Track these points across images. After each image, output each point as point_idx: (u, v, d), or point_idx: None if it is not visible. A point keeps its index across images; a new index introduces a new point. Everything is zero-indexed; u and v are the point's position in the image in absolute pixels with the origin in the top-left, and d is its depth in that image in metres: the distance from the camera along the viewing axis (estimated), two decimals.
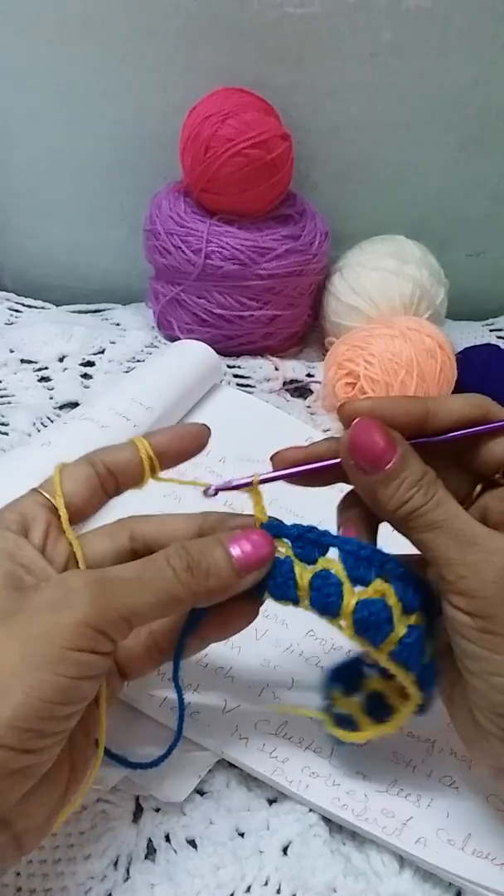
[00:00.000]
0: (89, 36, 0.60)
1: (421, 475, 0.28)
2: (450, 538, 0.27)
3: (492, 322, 0.77)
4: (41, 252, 0.74)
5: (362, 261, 0.64)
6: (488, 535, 0.27)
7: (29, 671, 0.24)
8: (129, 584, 0.27)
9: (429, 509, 0.28)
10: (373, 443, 0.28)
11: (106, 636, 0.26)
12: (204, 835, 0.33)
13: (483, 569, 0.27)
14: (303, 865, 0.32)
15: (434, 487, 0.28)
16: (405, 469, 0.28)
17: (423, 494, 0.28)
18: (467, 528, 0.28)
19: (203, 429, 0.34)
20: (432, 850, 0.32)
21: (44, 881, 0.31)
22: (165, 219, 0.62)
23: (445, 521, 0.28)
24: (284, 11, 0.59)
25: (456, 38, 0.62)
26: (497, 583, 0.26)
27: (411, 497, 0.28)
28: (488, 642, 0.27)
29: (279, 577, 0.30)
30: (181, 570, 0.28)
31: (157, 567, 0.28)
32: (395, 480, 0.28)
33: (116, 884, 0.31)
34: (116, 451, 0.32)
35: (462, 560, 0.27)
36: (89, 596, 0.26)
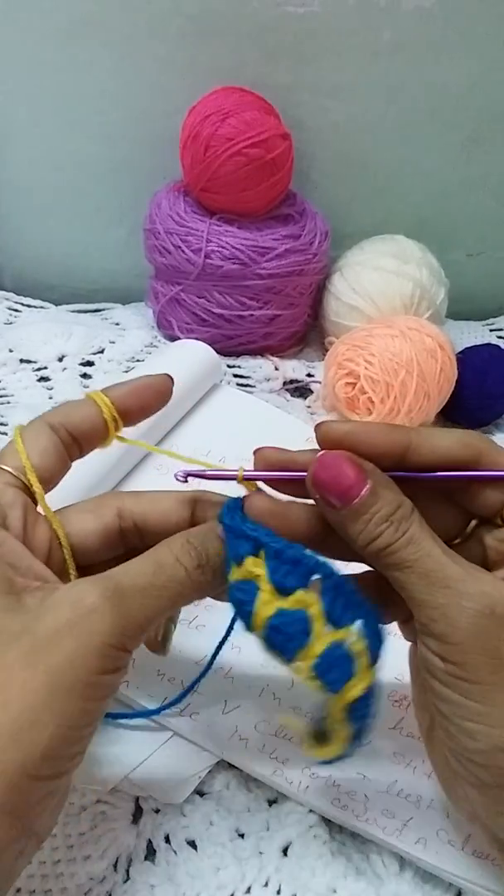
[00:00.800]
0: (89, 35, 0.60)
1: (393, 509, 0.26)
2: (420, 579, 0.26)
3: (492, 322, 0.77)
4: (41, 251, 0.74)
5: (362, 260, 0.64)
6: (462, 578, 0.25)
7: (58, 703, 0.23)
8: (145, 593, 0.26)
9: (399, 547, 0.26)
10: (339, 476, 0.27)
11: (126, 650, 0.25)
12: (204, 836, 0.33)
13: (454, 613, 0.25)
14: (303, 866, 0.32)
15: (406, 523, 0.26)
16: (375, 503, 0.26)
17: (394, 531, 0.26)
18: (440, 568, 0.26)
19: (165, 378, 0.32)
20: (432, 851, 0.32)
21: (43, 882, 0.31)
22: (165, 218, 0.62)
23: (417, 561, 0.26)
24: (284, 11, 0.59)
25: (456, 38, 0.61)
26: (468, 629, 0.25)
27: (381, 533, 0.26)
28: (459, 687, 0.25)
29: None
30: (192, 568, 0.27)
31: (168, 570, 0.27)
32: (364, 515, 0.26)
33: (116, 885, 0.31)
34: (76, 412, 0.30)
35: (433, 602, 0.25)
36: (109, 615, 0.24)
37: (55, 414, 0.30)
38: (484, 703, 0.25)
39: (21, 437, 0.29)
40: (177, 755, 0.35)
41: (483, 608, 0.25)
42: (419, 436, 0.28)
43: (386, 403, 0.55)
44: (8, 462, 0.29)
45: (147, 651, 0.36)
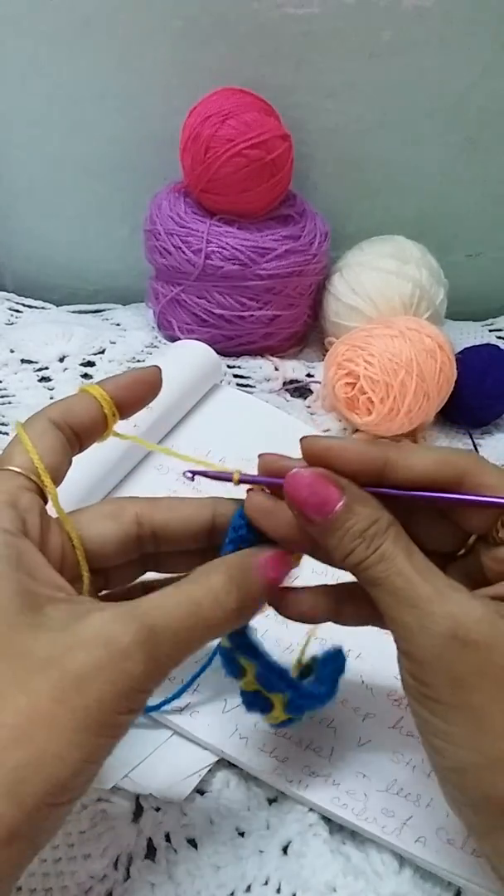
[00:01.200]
0: (89, 37, 0.60)
1: (367, 525, 0.26)
2: (390, 596, 0.26)
3: (491, 322, 0.77)
4: (42, 252, 0.74)
5: (362, 261, 0.64)
6: (430, 598, 0.25)
7: (84, 740, 0.23)
8: (178, 636, 0.25)
9: (371, 563, 0.26)
10: (314, 492, 0.27)
11: (149, 693, 0.25)
12: (204, 834, 0.33)
13: (418, 634, 0.25)
14: (303, 865, 0.32)
15: (379, 539, 0.26)
16: (349, 518, 0.26)
17: (366, 547, 0.26)
18: (409, 587, 0.25)
19: (155, 370, 0.31)
20: (432, 850, 0.32)
21: (44, 880, 0.31)
22: (165, 219, 0.62)
23: (386, 579, 0.26)
24: (284, 12, 0.59)
25: (456, 38, 0.62)
26: (431, 650, 0.25)
27: (354, 549, 0.26)
28: (426, 705, 0.26)
29: None
30: (231, 610, 0.26)
31: (206, 612, 0.26)
32: (338, 531, 0.27)
33: (117, 883, 0.31)
34: (77, 407, 0.30)
35: (400, 621, 0.25)
36: (143, 663, 0.24)
37: (56, 409, 0.29)
38: (447, 722, 0.25)
39: (27, 434, 0.28)
40: (177, 754, 0.35)
41: (446, 630, 0.25)
42: (397, 453, 0.28)
43: (385, 403, 0.55)
44: (16, 462, 0.28)
45: None
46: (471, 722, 0.25)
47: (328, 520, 0.27)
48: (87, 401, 0.30)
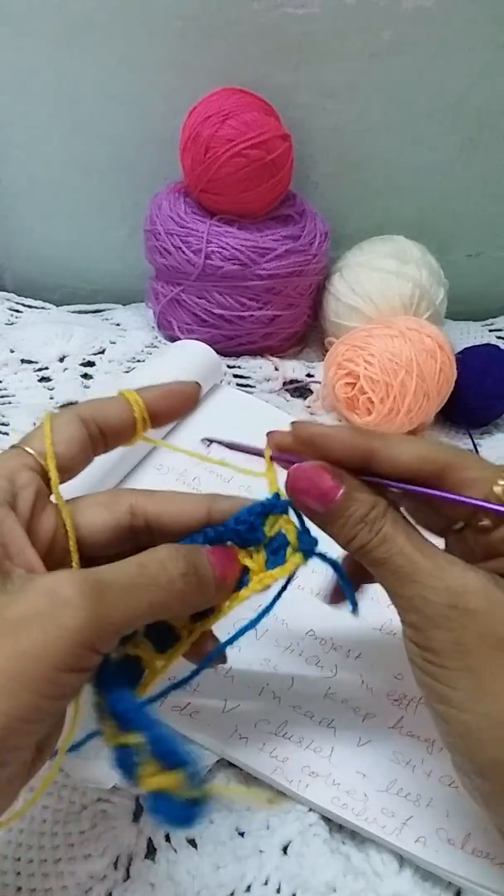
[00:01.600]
0: (90, 37, 0.60)
1: (367, 511, 0.28)
2: (392, 574, 0.27)
3: (491, 322, 0.77)
4: (42, 252, 0.74)
5: (362, 261, 0.64)
6: (432, 572, 0.27)
7: (13, 692, 0.22)
8: (125, 592, 0.25)
9: (373, 546, 0.28)
10: (315, 483, 0.28)
11: (96, 651, 0.24)
12: (204, 834, 0.33)
13: (423, 605, 0.27)
14: (303, 865, 0.32)
15: (380, 523, 0.28)
16: (350, 506, 0.28)
17: (368, 531, 0.28)
18: (410, 564, 0.27)
19: (194, 385, 0.33)
20: (432, 850, 0.32)
21: (44, 880, 0.31)
22: (165, 219, 0.62)
23: (389, 558, 0.27)
24: (284, 12, 0.59)
25: (456, 38, 0.62)
26: (434, 620, 0.26)
27: (357, 534, 0.28)
28: (431, 672, 0.27)
29: None
30: (178, 575, 0.27)
31: (152, 571, 0.27)
32: (340, 518, 0.28)
33: (117, 883, 0.31)
34: (108, 408, 0.31)
35: (404, 595, 0.27)
36: (84, 610, 0.23)
37: (88, 407, 0.31)
38: (452, 686, 0.26)
39: (51, 423, 0.29)
40: None
41: (446, 601, 0.26)
42: (383, 443, 0.29)
43: (385, 403, 0.55)
44: (33, 445, 0.29)
45: None
46: (474, 684, 0.26)
47: (331, 509, 0.28)
48: (120, 404, 0.31)
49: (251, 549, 0.31)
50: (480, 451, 0.59)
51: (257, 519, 0.31)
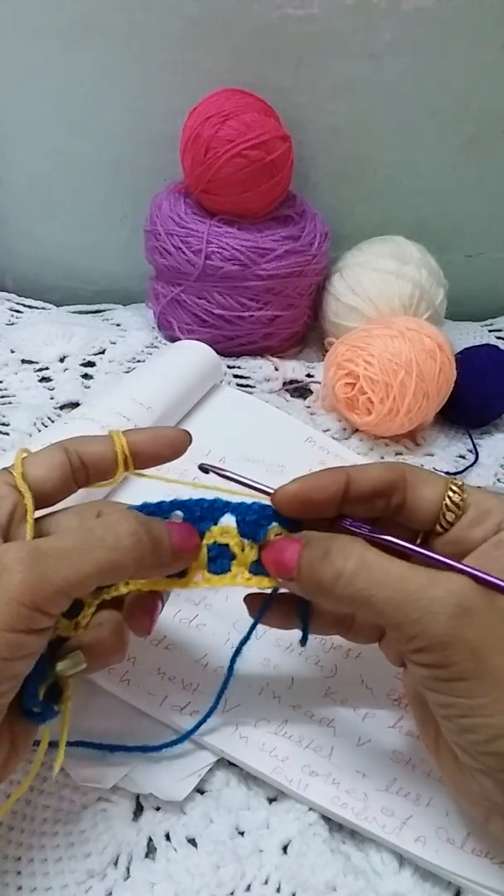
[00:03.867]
0: (90, 37, 0.60)
1: (336, 556, 0.29)
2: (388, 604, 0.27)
3: (491, 322, 0.77)
4: (42, 253, 0.74)
5: (362, 261, 0.64)
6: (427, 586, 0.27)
7: None
8: (67, 554, 0.27)
9: (355, 585, 0.28)
10: (275, 560, 0.30)
11: (42, 612, 0.26)
12: (204, 833, 0.33)
13: (432, 621, 0.27)
14: (302, 864, 0.32)
15: (352, 560, 0.28)
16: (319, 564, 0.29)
17: (341, 573, 0.28)
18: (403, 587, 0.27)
19: (183, 435, 0.34)
20: (432, 849, 0.32)
21: (45, 879, 0.31)
22: (166, 219, 0.62)
23: (375, 593, 0.27)
24: (284, 13, 0.59)
25: (456, 39, 0.62)
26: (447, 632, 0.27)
27: (332, 579, 0.28)
28: (449, 689, 0.27)
29: None
30: (125, 534, 0.28)
31: (97, 533, 0.28)
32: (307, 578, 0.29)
33: (117, 882, 0.31)
34: (92, 444, 0.32)
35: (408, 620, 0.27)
36: (22, 572, 0.25)
37: (73, 441, 0.33)
38: (473, 697, 0.27)
39: (31, 452, 0.32)
40: (177, 753, 0.35)
41: (452, 608, 0.27)
42: (355, 471, 0.31)
43: (385, 404, 0.55)
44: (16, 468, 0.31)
45: (146, 650, 0.37)
46: (496, 686, 0.27)
47: (293, 571, 0.30)
48: (104, 442, 0.33)
49: (245, 542, 0.32)
50: (480, 451, 0.59)
51: (265, 519, 0.32)
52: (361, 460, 0.56)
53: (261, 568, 0.32)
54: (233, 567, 0.32)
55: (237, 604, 0.39)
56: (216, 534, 0.32)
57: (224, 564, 0.32)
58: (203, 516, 0.32)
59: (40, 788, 0.34)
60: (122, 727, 0.36)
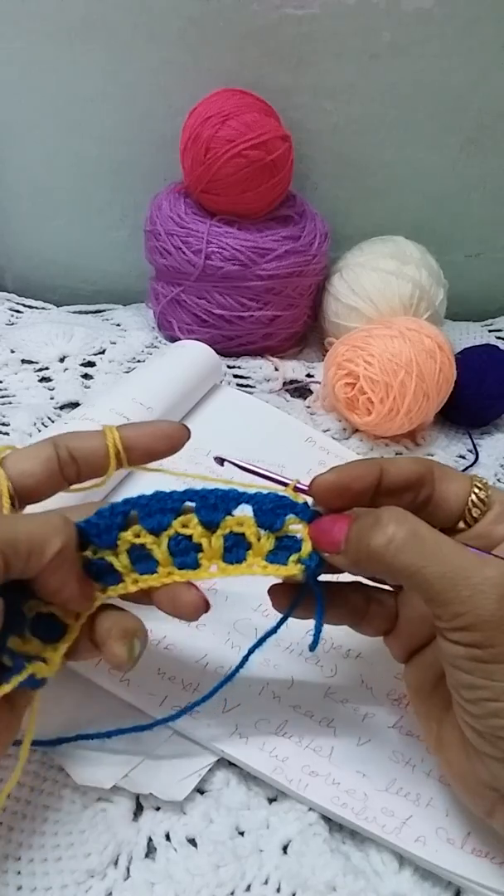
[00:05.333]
0: (90, 37, 0.60)
1: (392, 527, 0.29)
2: (439, 580, 0.27)
3: (491, 322, 0.77)
4: (42, 253, 0.74)
5: (362, 261, 0.64)
6: (477, 566, 0.27)
7: None
8: None
9: (406, 555, 0.28)
10: (324, 534, 0.30)
11: None
12: (204, 833, 0.33)
13: (480, 599, 0.27)
14: (302, 864, 0.32)
15: (406, 527, 0.29)
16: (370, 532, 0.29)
17: (394, 540, 0.28)
18: (455, 564, 0.27)
19: (180, 430, 0.34)
20: (431, 849, 0.32)
21: (45, 879, 0.31)
22: (166, 220, 0.62)
23: (427, 567, 0.27)
24: (284, 13, 0.59)
25: (456, 39, 0.62)
26: (495, 613, 0.27)
27: (386, 548, 0.28)
28: (483, 671, 0.27)
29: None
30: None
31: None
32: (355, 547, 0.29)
33: (116, 882, 0.31)
34: (84, 438, 0.32)
35: (457, 597, 0.27)
36: None
37: (63, 436, 0.32)
38: None
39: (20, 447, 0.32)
40: (177, 753, 0.35)
41: (501, 588, 0.27)
42: (387, 462, 0.32)
43: (385, 404, 0.55)
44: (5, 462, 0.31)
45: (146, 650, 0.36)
46: None
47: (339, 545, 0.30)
48: (96, 437, 0.32)
49: (262, 531, 0.31)
50: (480, 451, 0.59)
51: (282, 509, 0.32)
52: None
53: (277, 557, 0.31)
54: (248, 557, 0.32)
55: (238, 604, 0.39)
56: (232, 523, 0.31)
57: (240, 554, 0.32)
58: (217, 505, 0.31)
59: (40, 788, 0.34)
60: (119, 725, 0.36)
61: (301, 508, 0.32)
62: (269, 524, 0.31)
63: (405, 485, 0.31)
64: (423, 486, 0.32)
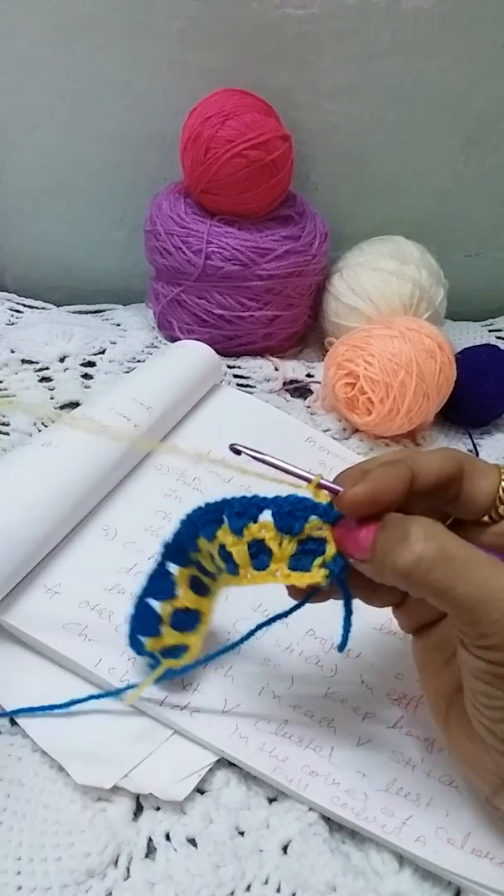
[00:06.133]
0: (90, 37, 0.60)
1: (421, 538, 0.28)
2: (469, 598, 0.26)
3: (491, 322, 0.77)
4: (42, 253, 0.74)
5: (362, 261, 0.64)
6: None
7: None
8: None
9: (438, 571, 0.27)
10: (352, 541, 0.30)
11: None
12: (204, 833, 0.33)
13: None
14: (303, 864, 0.32)
15: (436, 543, 0.28)
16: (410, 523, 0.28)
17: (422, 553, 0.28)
18: (487, 578, 0.26)
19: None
20: (432, 849, 0.32)
21: (44, 879, 0.31)
22: (166, 219, 0.62)
23: (459, 586, 0.27)
24: (284, 12, 0.59)
25: (456, 39, 0.62)
26: None
27: (414, 561, 0.27)
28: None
29: None
30: None
31: None
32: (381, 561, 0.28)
33: (116, 882, 0.31)
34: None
35: (487, 618, 0.26)
36: None
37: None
38: None
39: None
40: (177, 753, 0.35)
41: None
42: (417, 464, 0.30)
43: (385, 404, 0.55)
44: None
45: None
46: None
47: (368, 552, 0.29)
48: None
49: (283, 535, 0.31)
50: (480, 451, 0.59)
51: (303, 511, 0.31)
52: (362, 460, 0.56)
53: (300, 563, 0.31)
54: (271, 564, 0.31)
55: (238, 604, 0.39)
56: (254, 531, 0.31)
57: (263, 561, 0.31)
58: (241, 513, 0.31)
59: (40, 788, 0.34)
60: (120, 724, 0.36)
61: (324, 510, 0.31)
62: (289, 528, 0.31)
63: (436, 487, 0.31)
64: (453, 485, 0.31)
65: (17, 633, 0.38)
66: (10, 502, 0.41)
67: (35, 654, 0.38)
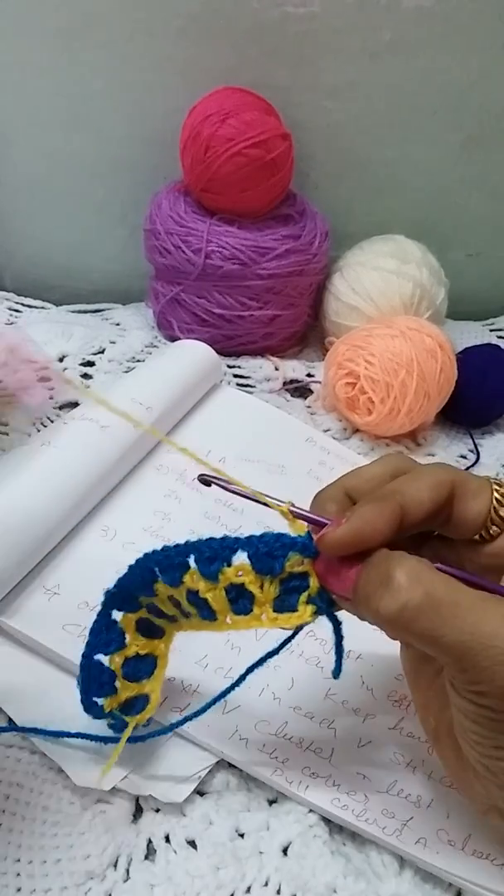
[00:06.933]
0: (89, 35, 0.60)
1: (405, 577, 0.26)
2: (459, 646, 0.25)
3: (492, 322, 0.77)
4: (41, 252, 0.74)
5: (362, 260, 0.64)
6: (495, 630, 0.25)
7: None
8: None
9: (426, 619, 0.25)
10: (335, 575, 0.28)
11: None
12: (204, 835, 0.33)
13: (500, 672, 0.25)
14: (303, 866, 0.32)
15: (425, 586, 0.26)
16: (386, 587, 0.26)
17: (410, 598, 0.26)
18: (474, 631, 0.25)
19: None
20: (432, 851, 0.32)
21: (44, 881, 0.31)
22: (165, 218, 0.62)
23: (449, 634, 0.25)
24: (285, 11, 0.59)
25: (456, 38, 0.62)
26: None
27: (397, 605, 0.26)
28: (493, 727, 0.26)
29: None
30: None
31: None
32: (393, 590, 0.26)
33: (116, 884, 0.31)
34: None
35: (480, 665, 0.25)
36: None
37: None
38: None
39: None
40: (177, 755, 0.35)
41: None
42: (406, 498, 0.28)
43: (386, 403, 0.55)
44: None
45: None
46: None
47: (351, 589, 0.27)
48: None
49: (263, 577, 0.29)
50: (481, 451, 0.59)
51: (281, 549, 0.28)
52: (362, 460, 0.55)
53: (286, 603, 0.29)
54: (255, 608, 0.29)
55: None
56: (231, 575, 0.29)
57: (245, 606, 0.29)
58: (212, 557, 0.29)
59: (40, 790, 0.34)
60: None
61: (303, 545, 0.28)
62: (269, 570, 0.28)
63: (426, 520, 0.29)
64: (444, 511, 0.30)
65: (16, 634, 0.38)
66: (10, 503, 0.41)
67: (34, 655, 0.38)
